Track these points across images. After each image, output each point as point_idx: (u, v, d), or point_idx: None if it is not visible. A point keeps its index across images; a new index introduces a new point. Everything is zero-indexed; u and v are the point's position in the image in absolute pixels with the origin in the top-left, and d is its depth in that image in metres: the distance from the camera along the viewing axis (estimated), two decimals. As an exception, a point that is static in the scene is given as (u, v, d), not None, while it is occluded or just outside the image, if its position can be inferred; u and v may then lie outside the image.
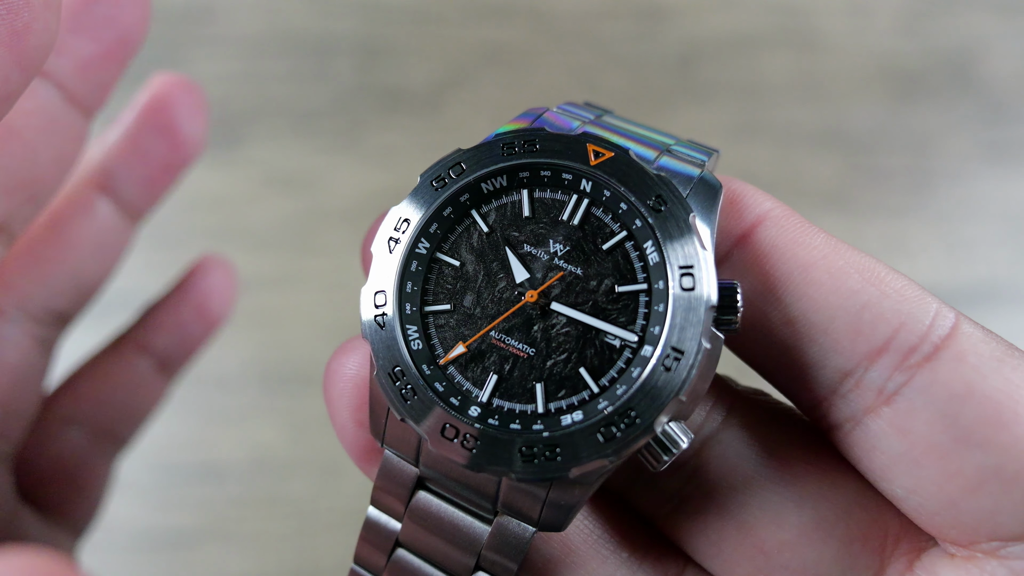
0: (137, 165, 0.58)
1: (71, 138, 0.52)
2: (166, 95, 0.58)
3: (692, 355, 0.36)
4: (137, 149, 0.58)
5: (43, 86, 0.49)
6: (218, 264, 0.65)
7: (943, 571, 0.37)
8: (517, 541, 0.40)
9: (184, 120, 0.58)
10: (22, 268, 0.56)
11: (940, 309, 0.36)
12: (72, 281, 0.57)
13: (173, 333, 0.63)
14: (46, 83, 0.49)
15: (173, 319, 0.63)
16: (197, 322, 0.64)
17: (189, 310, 0.63)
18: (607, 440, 0.36)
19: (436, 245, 0.41)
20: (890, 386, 0.36)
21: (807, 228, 0.38)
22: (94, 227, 0.57)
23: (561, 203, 0.40)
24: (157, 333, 0.63)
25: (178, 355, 0.64)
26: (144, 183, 0.58)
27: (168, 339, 0.63)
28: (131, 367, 0.62)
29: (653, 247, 0.38)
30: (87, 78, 0.51)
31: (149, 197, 0.59)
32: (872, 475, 0.38)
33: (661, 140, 0.42)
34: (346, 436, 0.44)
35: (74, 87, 0.50)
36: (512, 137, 0.40)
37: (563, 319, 0.39)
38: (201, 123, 0.59)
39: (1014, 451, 0.34)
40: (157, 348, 0.62)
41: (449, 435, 0.38)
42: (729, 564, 0.40)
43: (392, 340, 0.40)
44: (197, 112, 0.59)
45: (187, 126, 0.58)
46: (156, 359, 0.63)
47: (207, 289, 0.64)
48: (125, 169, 0.58)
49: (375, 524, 0.43)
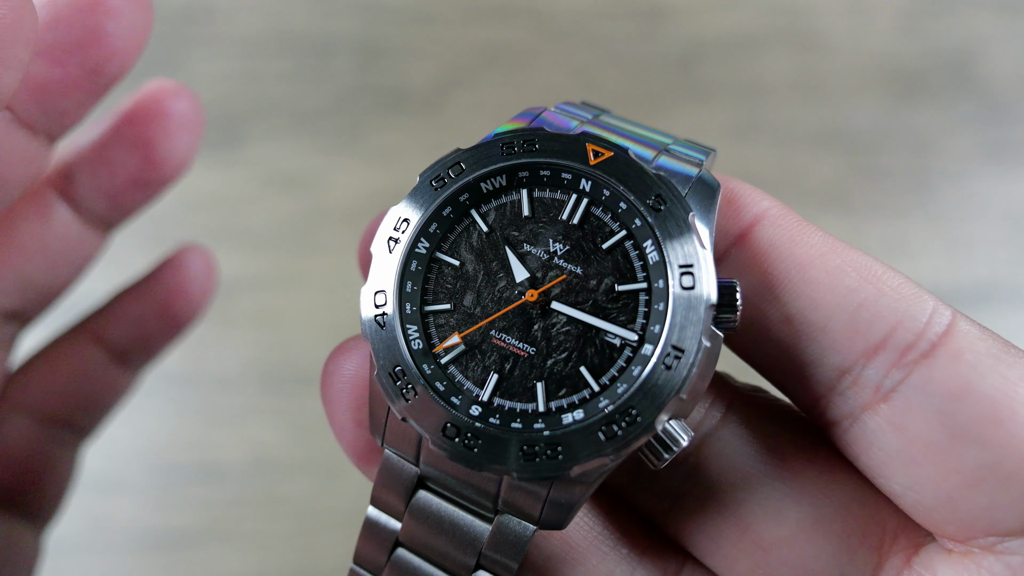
0: (104, 176, 0.54)
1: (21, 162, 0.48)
2: (151, 106, 0.54)
3: (692, 353, 0.36)
4: (105, 160, 0.54)
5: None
6: (197, 256, 0.62)
7: (940, 567, 0.37)
8: (517, 540, 0.40)
9: (167, 136, 0.54)
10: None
11: (937, 307, 0.37)
12: (19, 282, 0.54)
13: (132, 326, 0.60)
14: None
15: (133, 312, 0.60)
16: (161, 317, 0.60)
17: (153, 304, 0.60)
18: (608, 438, 0.36)
19: (436, 245, 0.41)
20: (887, 383, 0.36)
21: (804, 227, 0.39)
22: (48, 231, 0.53)
23: (561, 202, 0.40)
24: (114, 324, 0.59)
25: (138, 349, 0.60)
26: (109, 196, 0.54)
27: (125, 331, 0.60)
28: (84, 356, 0.59)
29: (653, 246, 0.38)
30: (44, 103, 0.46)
31: (116, 210, 0.55)
32: (870, 471, 0.38)
33: (659, 139, 0.42)
34: (344, 436, 0.44)
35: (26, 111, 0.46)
36: (511, 137, 0.41)
37: (563, 318, 0.39)
38: (189, 141, 0.55)
39: (1010, 448, 0.34)
40: (113, 339, 0.59)
41: (450, 434, 0.38)
42: (728, 560, 0.40)
43: (392, 340, 0.40)
44: (186, 127, 0.54)
45: (169, 142, 0.54)
46: (112, 350, 0.59)
47: (178, 284, 0.60)
48: (89, 178, 0.54)
49: (375, 524, 0.43)
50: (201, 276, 0.61)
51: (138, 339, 0.60)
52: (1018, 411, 0.34)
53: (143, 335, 0.60)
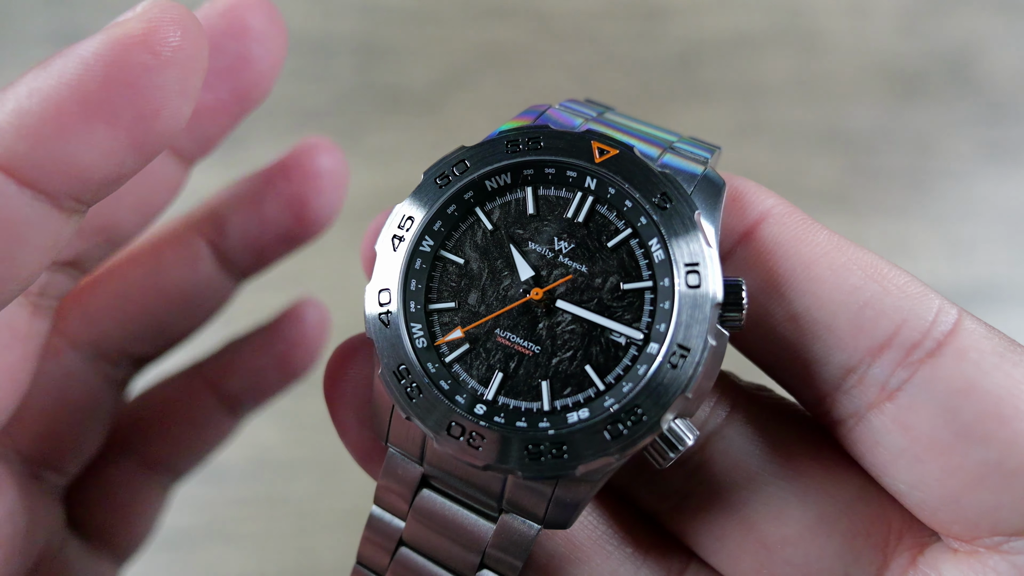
0: (254, 229, 0.54)
1: (163, 186, 0.48)
2: (305, 162, 0.54)
3: (698, 352, 0.36)
4: (257, 213, 0.54)
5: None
6: (313, 309, 0.62)
7: (946, 566, 0.37)
8: (522, 539, 0.40)
9: (317, 193, 0.54)
10: (105, 305, 0.52)
11: (943, 305, 0.37)
12: (156, 328, 0.54)
13: (249, 377, 0.60)
14: None
15: (251, 363, 0.60)
16: (278, 370, 0.60)
17: (271, 357, 0.60)
18: (614, 438, 0.36)
19: (440, 243, 0.41)
20: (893, 382, 0.36)
21: (810, 225, 0.39)
22: (191, 278, 0.54)
23: (566, 200, 0.40)
24: (231, 374, 0.59)
25: (251, 399, 0.60)
26: (256, 248, 0.54)
27: (241, 381, 0.59)
28: (197, 403, 0.59)
29: (658, 244, 0.38)
30: (193, 128, 0.47)
31: (257, 262, 0.55)
32: (875, 470, 0.38)
33: (664, 137, 0.42)
34: (348, 436, 0.44)
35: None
36: (516, 134, 0.40)
37: (568, 316, 0.39)
38: (336, 198, 0.55)
39: (1015, 446, 0.34)
40: (228, 388, 0.59)
41: (455, 433, 0.38)
42: (732, 560, 0.40)
43: (397, 338, 0.39)
44: (335, 185, 0.55)
45: (319, 200, 0.54)
46: (225, 399, 0.59)
47: (295, 336, 0.60)
48: (240, 230, 0.54)
49: (379, 523, 0.43)
50: (316, 328, 0.62)
51: (252, 389, 0.60)
52: (1022, 409, 0.34)
53: (257, 385, 0.60)
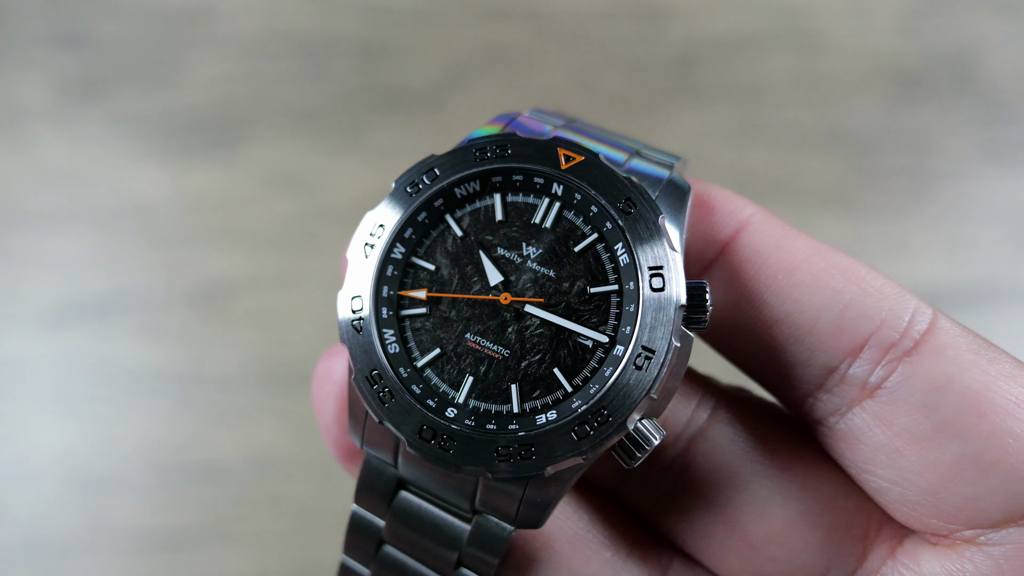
0: None
1: None
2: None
3: (663, 354, 0.37)
4: None
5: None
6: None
7: (924, 558, 0.38)
8: (496, 539, 0.40)
9: None
10: None
11: (919, 306, 0.38)
12: None
13: None
14: None
15: None
16: None
17: None
18: (581, 438, 0.37)
19: (411, 250, 0.42)
20: (873, 380, 0.37)
21: (789, 232, 0.39)
22: None
23: (533, 207, 0.41)
24: None
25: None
26: None
27: None
28: None
29: (623, 249, 0.39)
30: None
31: None
32: (855, 468, 0.39)
33: (630, 144, 0.43)
34: (330, 437, 0.45)
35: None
36: (485, 142, 0.41)
37: (536, 321, 0.40)
38: None
39: (992, 439, 0.35)
40: None
41: (426, 436, 0.38)
42: (718, 558, 0.41)
43: (369, 344, 0.40)
44: None
45: None
46: None
47: None
48: None
49: (360, 520, 0.44)
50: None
51: None
52: (999, 404, 0.35)
53: None
